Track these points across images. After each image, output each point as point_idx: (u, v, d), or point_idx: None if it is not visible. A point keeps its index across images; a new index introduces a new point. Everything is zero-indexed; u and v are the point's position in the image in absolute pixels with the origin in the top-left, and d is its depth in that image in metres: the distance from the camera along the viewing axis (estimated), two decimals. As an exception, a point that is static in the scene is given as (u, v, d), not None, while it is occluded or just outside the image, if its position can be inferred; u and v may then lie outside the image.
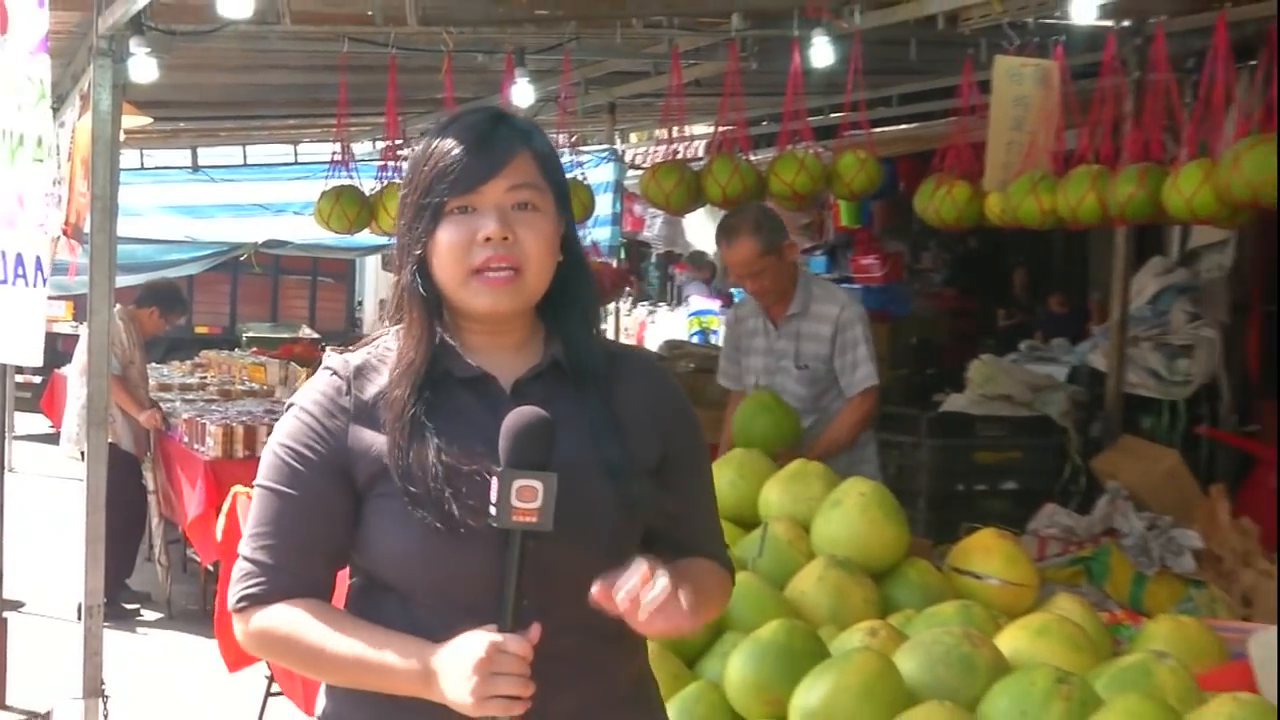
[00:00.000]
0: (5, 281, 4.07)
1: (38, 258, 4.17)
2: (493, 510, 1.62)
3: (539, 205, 1.77)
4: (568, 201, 1.84)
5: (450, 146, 1.75)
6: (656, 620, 1.62)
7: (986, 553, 3.06)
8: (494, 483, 1.62)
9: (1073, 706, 2.11)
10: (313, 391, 1.82)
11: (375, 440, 1.75)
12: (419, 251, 1.76)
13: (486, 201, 1.74)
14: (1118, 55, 5.02)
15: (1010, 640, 2.52)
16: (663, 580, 1.63)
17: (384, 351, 1.82)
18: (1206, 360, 6.58)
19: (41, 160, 4.18)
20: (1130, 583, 4.44)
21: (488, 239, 1.72)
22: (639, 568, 1.63)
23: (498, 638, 1.60)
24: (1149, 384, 6.61)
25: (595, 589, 1.63)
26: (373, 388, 1.78)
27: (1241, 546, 4.90)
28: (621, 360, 1.88)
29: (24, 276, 4.12)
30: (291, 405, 1.83)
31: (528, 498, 1.61)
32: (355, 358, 1.83)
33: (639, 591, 1.61)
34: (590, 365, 1.82)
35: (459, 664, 1.60)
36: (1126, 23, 5.37)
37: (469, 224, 1.73)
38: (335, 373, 1.81)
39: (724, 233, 4.59)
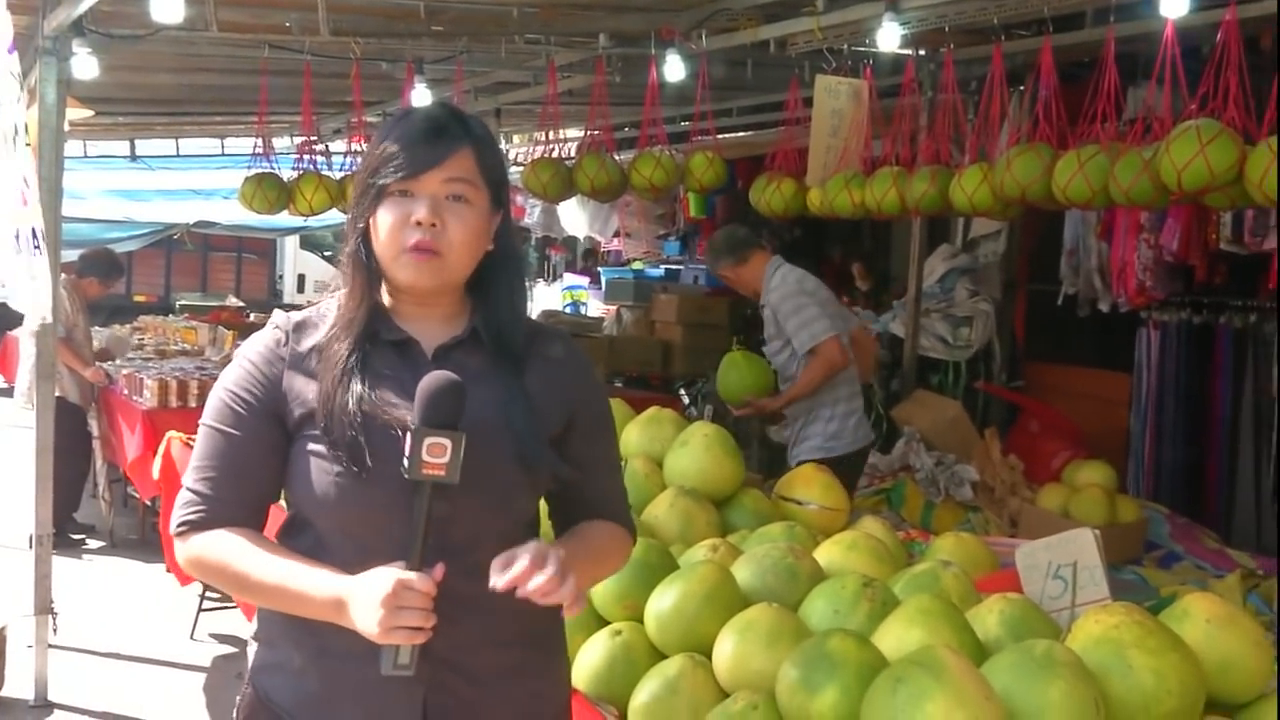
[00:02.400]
0: (20, 252, 3.94)
1: (37, 229, 4.01)
2: (405, 463, 1.54)
3: (471, 199, 1.69)
4: (504, 197, 1.76)
5: (402, 135, 1.68)
6: (538, 599, 1.56)
7: (807, 484, 3.11)
8: (407, 438, 1.55)
9: (876, 605, 2.14)
10: (257, 343, 1.75)
11: (306, 387, 1.69)
12: (363, 225, 1.70)
13: (424, 189, 1.66)
14: (915, 78, 5.11)
15: (826, 554, 2.55)
16: (550, 568, 1.56)
17: (324, 311, 1.76)
18: (983, 329, 6.76)
19: (30, 144, 4.00)
20: (921, 508, 4.56)
21: (418, 223, 1.66)
22: (531, 549, 1.57)
23: (405, 575, 1.53)
24: (937, 348, 6.78)
25: (494, 568, 1.56)
26: (309, 341, 1.72)
27: (1009, 479, 5.06)
28: (538, 337, 1.80)
29: (39, 247, 3.98)
30: (238, 354, 1.76)
31: (437, 454, 1.53)
32: (297, 315, 1.77)
33: (528, 573, 1.55)
34: (507, 339, 1.75)
35: (368, 597, 1.53)
36: (923, 51, 5.47)
37: (405, 206, 1.66)
38: (278, 327, 1.75)
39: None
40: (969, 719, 1.66)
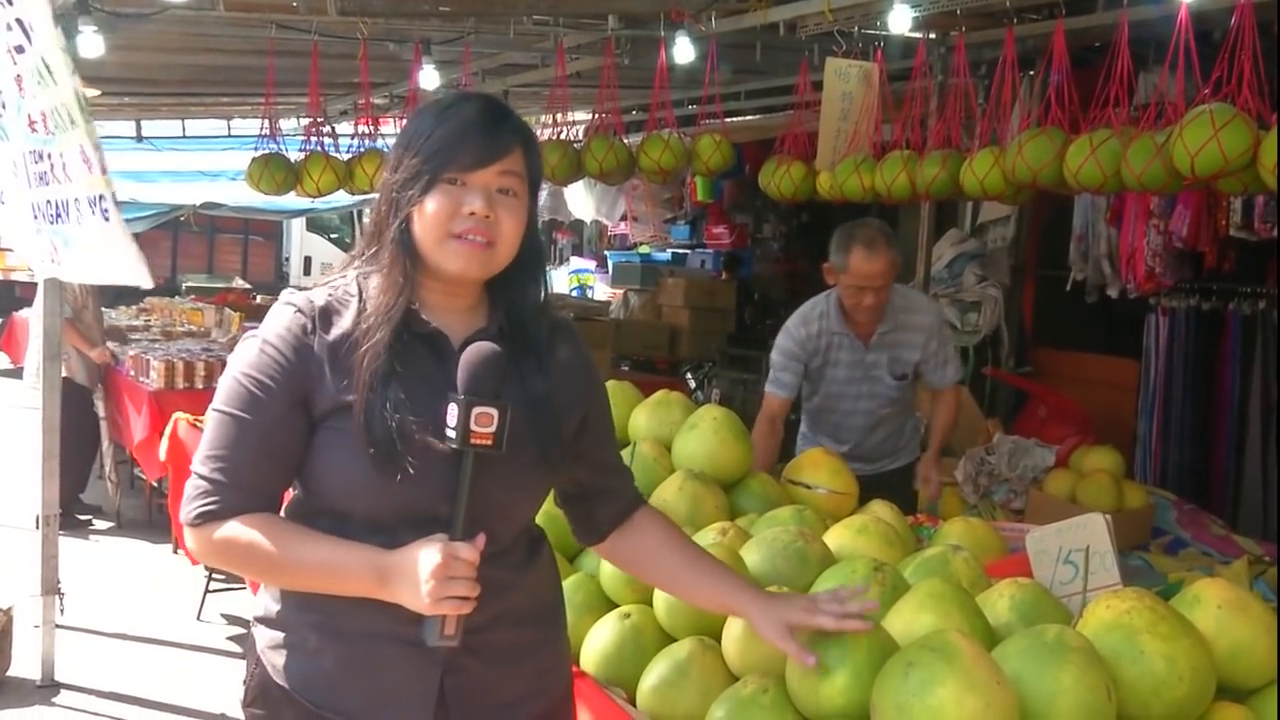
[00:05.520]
0: (110, 219, 3.92)
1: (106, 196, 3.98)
2: (450, 434, 1.56)
3: (519, 193, 1.71)
4: (538, 194, 1.79)
5: (458, 124, 1.67)
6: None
7: (816, 467, 3.09)
8: (452, 409, 1.57)
9: (886, 590, 2.13)
10: (277, 326, 1.68)
11: (340, 380, 1.64)
12: (409, 209, 1.67)
13: (478, 181, 1.66)
14: (926, 61, 5.08)
15: (835, 538, 2.55)
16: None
17: (345, 295, 1.71)
18: (991, 314, 6.74)
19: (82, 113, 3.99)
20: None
21: (472, 213, 1.65)
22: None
23: (452, 545, 1.55)
24: (945, 333, 6.76)
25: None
26: (337, 329, 1.67)
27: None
28: (555, 332, 1.82)
29: (106, 213, 3.94)
30: (254, 337, 1.70)
31: (485, 423, 1.56)
32: (318, 298, 1.70)
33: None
34: (531, 333, 1.76)
35: (416, 570, 1.54)
36: (933, 34, 5.43)
37: (457, 196, 1.66)
38: (300, 310, 1.69)
39: (865, 243, 3.81)
40: (980, 703, 1.66)
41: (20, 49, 3.94)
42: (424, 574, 1.53)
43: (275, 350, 1.67)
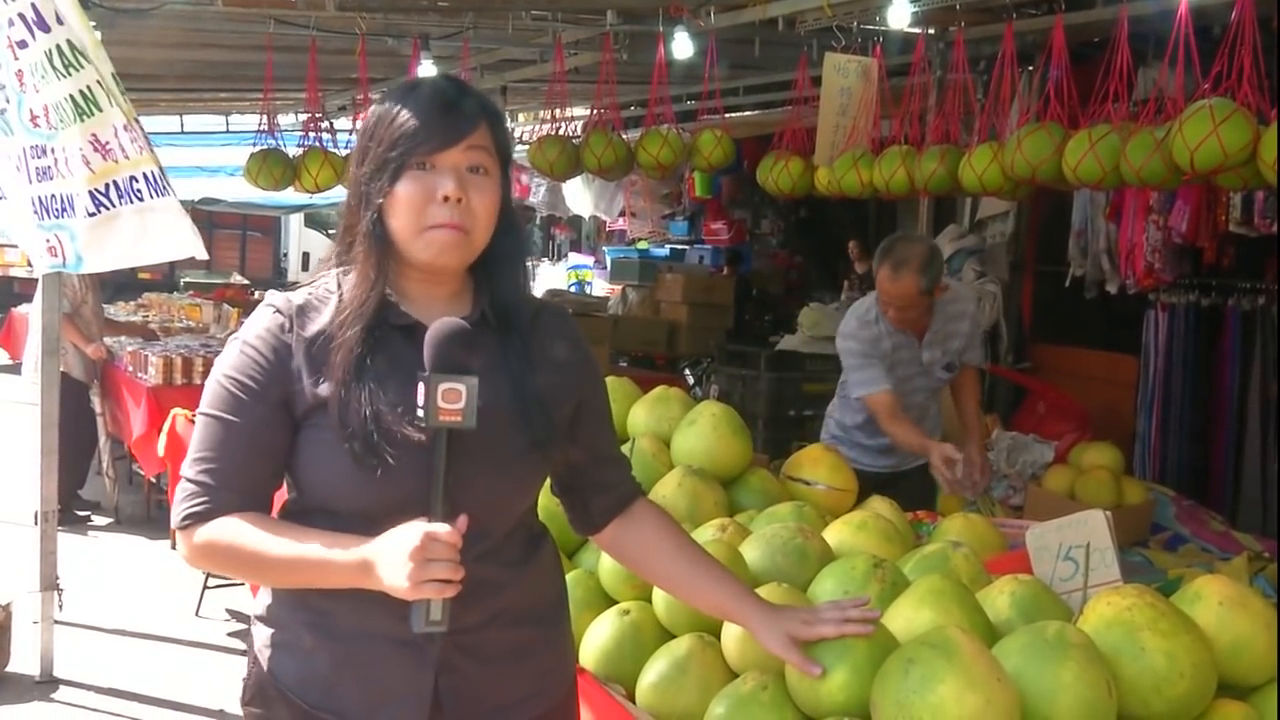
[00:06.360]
0: (145, 199, 3.96)
1: (149, 173, 4.05)
2: (420, 413, 1.52)
3: (489, 171, 1.65)
4: (509, 170, 1.74)
5: (419, 107, 1.63)
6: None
7: (815, 464, 3.08)
8: (420, 389, 1.52)
9: (886, 586, 2.12)
10: (256, 327, 1.67)
11: (315, 376, 1.63)
12: (380, 201, 1.63)
13: (446, 162, 1.62)
14: (925, 56, 5.07)
15: (835, 534, 2.54)
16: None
17: (324, 293, 1.69)
18: (990, 310, 6.72)
19: (119, 93, 4.01)
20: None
21: (445, 198, 1.60)
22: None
23: (430, 527, 1.51)
24: (944, 329, 6.73)
25: None
26: (314, 326, 1.65)
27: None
28: (542, 315, 1.78)
29: (164, 192, 4.03)
30: (235, 339, 1.69)
31: (452, 399, 1.51)
32: (297, 297, 1.69)
33: None
34: (515, 320, 1.72)
35: (395, 553, 1.51)
36: (932, 30, 5.43)
37: (428, 181, 1.61)
38: (278, 310, 1.67)
39: (893, 264, 3.72)
40: (981, 700, 1.65)
41: (23, 44, 3.94)
42: (401, 556, 1.50)
43: (255, 351, 1.65)
